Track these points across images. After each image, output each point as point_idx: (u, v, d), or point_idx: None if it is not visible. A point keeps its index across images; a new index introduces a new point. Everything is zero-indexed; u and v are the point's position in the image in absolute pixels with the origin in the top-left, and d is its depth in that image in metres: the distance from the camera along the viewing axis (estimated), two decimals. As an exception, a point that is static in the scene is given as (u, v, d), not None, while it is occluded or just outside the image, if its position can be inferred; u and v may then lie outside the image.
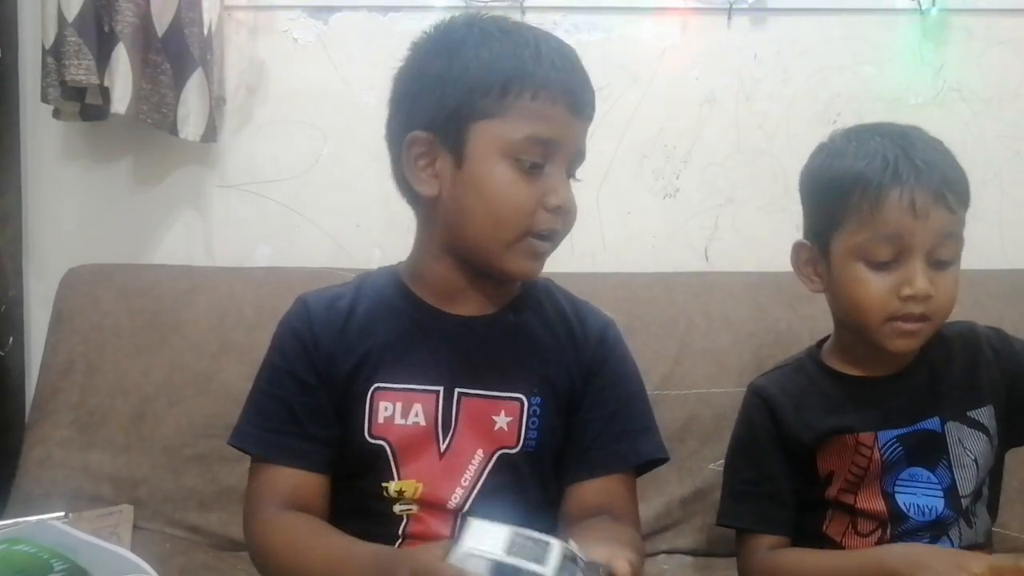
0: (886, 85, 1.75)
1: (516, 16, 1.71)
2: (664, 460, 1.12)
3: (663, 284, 1.61)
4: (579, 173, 1.75)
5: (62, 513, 1.41)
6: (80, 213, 1.74)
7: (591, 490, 1.06)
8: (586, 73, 1.06)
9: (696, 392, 1.49)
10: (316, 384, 1.07)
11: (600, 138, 1.74)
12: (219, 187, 1.75)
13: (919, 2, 1.72)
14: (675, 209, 1.76)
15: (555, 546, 0.79)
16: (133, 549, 1.26)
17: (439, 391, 1.05)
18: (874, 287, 1.10)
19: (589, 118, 1.07)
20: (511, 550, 0.78)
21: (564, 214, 1.03)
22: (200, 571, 1.27)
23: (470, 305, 1.08)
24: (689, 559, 1.42)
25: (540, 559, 0.77)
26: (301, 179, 1.75)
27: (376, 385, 1.05)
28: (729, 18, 1.73)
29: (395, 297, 1.10)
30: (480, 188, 1.01)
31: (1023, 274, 1.68)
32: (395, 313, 1.09)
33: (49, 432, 1.49)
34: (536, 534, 0.80)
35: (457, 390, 1.05)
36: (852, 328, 1.15)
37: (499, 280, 1.08)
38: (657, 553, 1.41)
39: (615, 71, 1.73)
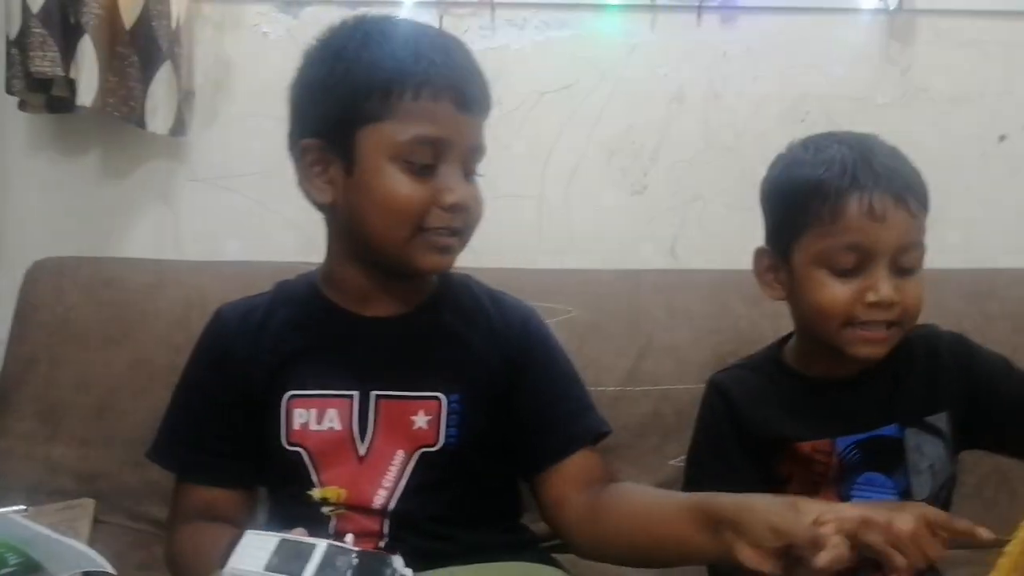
0: (854, 84, 1.77)
1: (486, 13, 1.72)
2: (609, 432, 1.15)
3: (628, 281, 1.61)
4: (553, 168, 1.77)
5: (22, 507, 1.41)
6: (47, 206, 1.73)
7: (567, 470, 1.08)
8: (474, 66, 1.05)
9: (658, 388, 1.50)
10: (228, 401, 1.08)
11: (569, 135, 1.77)
12: (188, 181, 1.75)
13: (886, 2, 1.73)
14: (643, 206, 1.77)
15: (319, 549, 0.80)
16: (92, 543, 1.27)
17: (354, 395, 1.06)
18: (837, 292, 1.09)
19: (480, 112, 1.06)
20: (273, 563, 0.80)
21: (462, 211, 1.03)
22: (159, 565, 1.26)
23: (384, 306, 1.09)
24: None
25: (300, 566, 0.79)
26: (271, 173, 1.74)
27: (291, 393, 1.06)
28: (699, 16, 1.74)
29: (309, 304, 1.11)
30: (371, 193, 1.01)
31: (987, 274, 1.68)
32: (309, 320, 1.10)
33: (11, 425, 1.48)
34: (306, 539, 0.81)
35: (373, 393, 1.06)
36: (815, 335, 1.15)
37: (411, 278, 1.08)
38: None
39: (584, 68, 1.74)
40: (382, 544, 1.05)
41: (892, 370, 1.16)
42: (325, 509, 1.05)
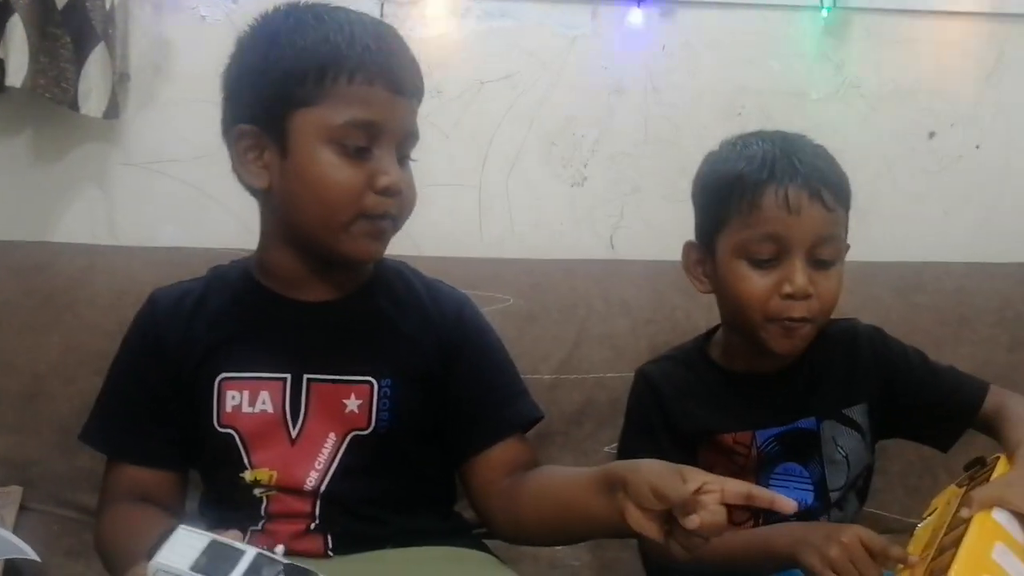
0: (789, 80, 1.80)
1: (427, 1, 1.71)
2: (541, 418, 1.17)
3: (565, 270, 1.63)
4: (493, 158, 1.77)
5: (-53, 495, 1.38)
6: (-24, 189, 1.69)
7: (495, 457, 1.10)
8: (406, 51, 1.06)
9: (593, 376, 1.51)
10: (160, 385, 1.08)
11: (509, 125, 1.77)
12: (123, 165, 1.72)
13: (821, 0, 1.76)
14: (583, 197, 1.78)
15: (247, 556, 0.80)
16: (18, 530, 1.25)
17: (287, 378, 1.06)
18: (756, 284, 1.12)
19: (414, 96, 1.07)
20: (200, 563, 0.79)
21: (395, 195, 1.04)
22: (87, 551, 1.25)
23: (318, 291, 1.09)
24: (582, 539, 1.44)
25: (226, 571, 0.79)
26: (208, 159, 1.70)
27: (223, 375, 1.06)
28: (639, 8, 1.75)
29: (243, 289, 1.11)
30: (306, 177, 1.02)
31: (914, 267, 1.73)
32: (243, 304, 1.10)
33: (-63, 412, 1.45)
34: (237, 544, 0.81)
35: (306, 376, 1.06)
36: (738, 328, 1.18)
37: (343, 266, 1.09)
38: (551, 533, 1.43)
39: (525, 59, 1.74)
40: (313, 526, 1.05)
41: (811, 364, 1.19)
42: (257, 491, 1.06)
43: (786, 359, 1.18)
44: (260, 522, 1.05)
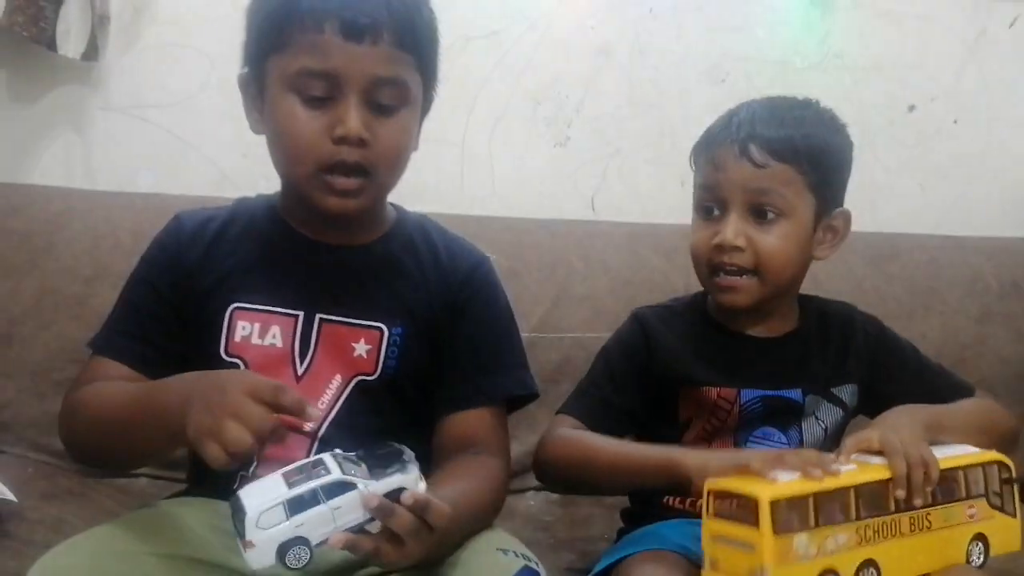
0: (774, 48, 1.80)
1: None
2: (534, 396, 1.15)
3: (547, 230, 1.64)
4: (477, 115, 1.73)
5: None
6: (-50, 128, 1.66)
7: (457, 423, 1.09)
8: None
9: (571, 336, 1.52)
10: (171, 296, 1.08)
11: (495, 81, 1.76)
12: (101, 109, 1.70)
13: (808, -32, 1.77)
14: (565, 157, 1.78)
15: (325, 458, 0.86)
16: (-8, 472, 1.24)
17: (299, 315, 1.07)
18: (698, 234, 1.17)
19: (377, 41, 1.00)
20: (290, 484, 0.84)
21: (355, 144, 1.00)
22: (63, 495, 1.25)
23: (338, 235, 1.09)
24: (555, 496, 1.46)
25: (321, 475, 0.84)
26: (187, 105, 1.71)
27: (236, 304, 1.06)
28: (627, -30, 1.75)
29: (266, 222, 1.11)
30: (272, 124, 1.03)
31: (890, 238, 1.75)
32: (263, 237, 1.10)
33: (-91, 353, 1.43)
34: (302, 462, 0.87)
35: (318, 315, 1.07)
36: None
37: (325, 218, 1.07)
38: (526, 490, 1.45)
39: (513, 14, 1.74)
40: None
41: (805, 337, 1.21)
42: None
43: (781, 325, 1.20)
44: (251, 466, 1.04)
